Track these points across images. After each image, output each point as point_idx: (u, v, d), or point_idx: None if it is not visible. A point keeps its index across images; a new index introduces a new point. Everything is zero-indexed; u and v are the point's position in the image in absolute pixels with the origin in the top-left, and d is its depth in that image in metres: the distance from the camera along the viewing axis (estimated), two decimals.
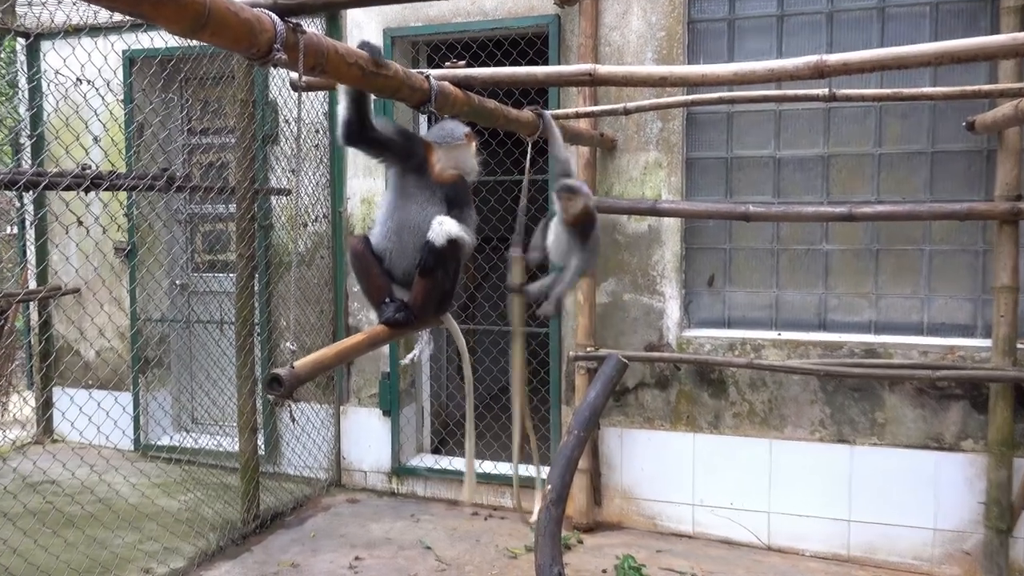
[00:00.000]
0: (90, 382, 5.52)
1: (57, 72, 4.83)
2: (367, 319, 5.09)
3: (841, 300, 4.33)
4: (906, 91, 3.42)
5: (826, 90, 3.34)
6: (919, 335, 4.17)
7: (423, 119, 5.12)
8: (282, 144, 5.20)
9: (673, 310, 4.47)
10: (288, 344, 1.90)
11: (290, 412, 5.28)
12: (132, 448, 5.63)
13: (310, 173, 5.15)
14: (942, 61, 2.07)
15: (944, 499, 4.04)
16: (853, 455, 4.18)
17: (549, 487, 2.95)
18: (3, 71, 6.16)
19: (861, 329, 4.28)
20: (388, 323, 2.38)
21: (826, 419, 4.23)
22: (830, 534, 4.23)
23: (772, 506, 4.32)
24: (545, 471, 2.93)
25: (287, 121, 5.19)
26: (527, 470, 2.99)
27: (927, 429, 4.08)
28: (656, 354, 4.41)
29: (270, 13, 1.62)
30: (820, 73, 2.16)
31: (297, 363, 1.86)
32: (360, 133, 2.32)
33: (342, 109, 2.30)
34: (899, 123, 4.18)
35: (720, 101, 3.73)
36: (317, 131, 5.15)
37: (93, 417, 4.40)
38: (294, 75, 2.70)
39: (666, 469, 4.50)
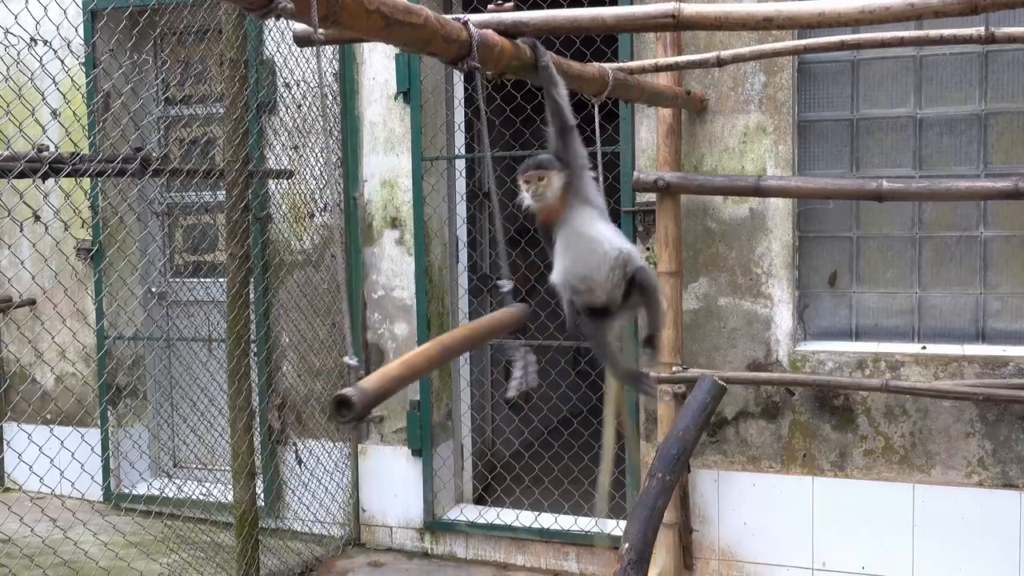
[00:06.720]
0: (49, 416, 5.65)
1: (7, 32, 4.98)
2: (389, 333, 5.14)
3: (1005, 303, 4.25)
4: None
5: (982, 29, 3.28)
6: None
7: (458, 77, 5.17)
8: (281, 114, 5.28)
9: (783, 318, 4.43)
10: (347, 359, 1.88)
11: (296, 452, 5.36)
12: (102, 498, 5.78)
13: (316, 150, 5.23)
14: None
15: None
16: (1023, 503, 4.11)
17: (627, 545, 2.95)
18: None
19: None
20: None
21: (987, 457, 4.16)
22: None
23: (917, 570, 4.26)
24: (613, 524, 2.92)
25: (287, 85, 5.27)
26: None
27: None
28: (763, 375, 4.38)
29: None
30: (974, 8, 2.13)
31: (363, 382, 1.81)
32: None
33: None
34: None
35: (843, 47, 3.69)
36: (325, 95, 5.21)
37: (55, 460, 4.51)
38: (297, 27, 2.75)
39: (777, 523, 4.47)
